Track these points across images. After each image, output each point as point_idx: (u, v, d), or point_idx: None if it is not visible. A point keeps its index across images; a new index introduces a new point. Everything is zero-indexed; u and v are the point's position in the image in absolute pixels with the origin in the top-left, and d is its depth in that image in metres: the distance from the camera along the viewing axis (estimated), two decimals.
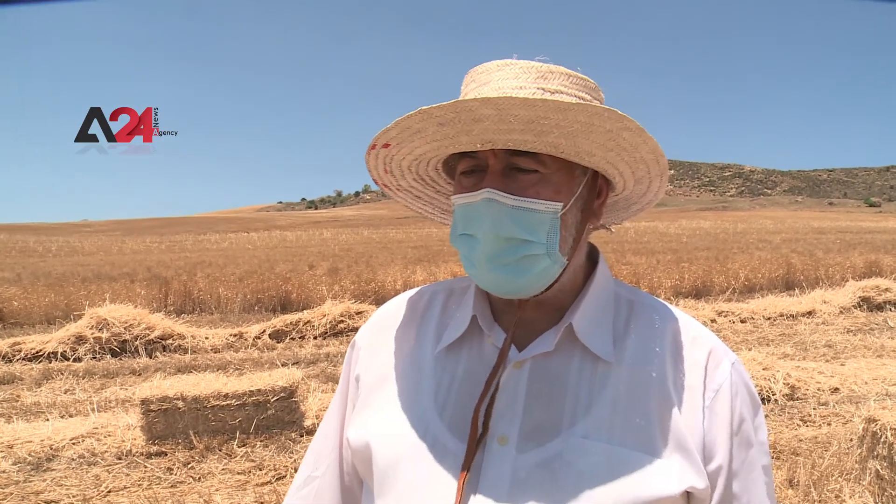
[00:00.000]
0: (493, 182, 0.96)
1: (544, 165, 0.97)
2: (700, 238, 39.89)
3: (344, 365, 1.23)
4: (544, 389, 0.99)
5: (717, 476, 0.97)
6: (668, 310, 1.10)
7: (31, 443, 5.66)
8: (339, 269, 19.33)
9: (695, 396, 0.99)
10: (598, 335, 1.02)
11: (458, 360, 1.06)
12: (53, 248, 43.61)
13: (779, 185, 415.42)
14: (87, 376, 8.40)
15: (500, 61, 1.00)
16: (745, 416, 1.01)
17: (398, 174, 1.11)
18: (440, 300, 1.18)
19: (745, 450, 1.00)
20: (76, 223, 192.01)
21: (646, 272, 16.04)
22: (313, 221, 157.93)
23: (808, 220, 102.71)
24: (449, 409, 1.01)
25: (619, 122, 0.91)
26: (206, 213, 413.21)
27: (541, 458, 0.94)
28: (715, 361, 1.02)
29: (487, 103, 0.87)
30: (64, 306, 12.73)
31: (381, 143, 1.00)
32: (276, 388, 5.91)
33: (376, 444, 1.03)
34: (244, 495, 4.77)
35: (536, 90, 0.96)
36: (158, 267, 22.30)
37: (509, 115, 0.88)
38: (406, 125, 0.95)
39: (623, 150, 0.97)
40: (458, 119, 0.91)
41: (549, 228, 0.97)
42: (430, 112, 0.91)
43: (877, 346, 9.42)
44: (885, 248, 25.06)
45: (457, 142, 0.97)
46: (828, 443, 5.48)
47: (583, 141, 0.93)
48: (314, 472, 1.20)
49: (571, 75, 1.00)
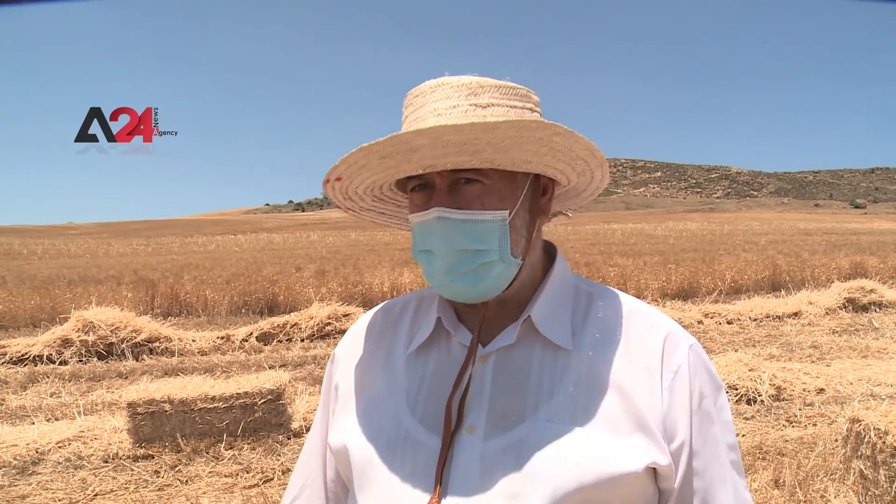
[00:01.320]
0: (440, 200, 1.01)
1: (486, 177, 1.01)
2: (687, 240, 40.10)
3: (325, 378, 1.28)
4: (508, 379, 1.04)
5: (680, 454, 1.00)
6: (627, 299, 1.14)
7: (16, 446, 5.62)
8: (326, 271, 19.30)
9: (653, 378, 1.02)
10: (556, 325, 1.07)
11: (428, 360, 1.12)
12: (39, 251, 43.35)
13: (765, 187, 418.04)
14: (73, 379, 8.34)
15: (434, 82, 1.04)
16: (706, 395, 1.04)
17: (357, 199, 1.17)
18: (411, 308, 1.23)
19: (706, 427, 1.03)
20: (62, 225, 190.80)
21: (633, 274, 16.09)
22: (300, 223, 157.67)
23: (794, 221, 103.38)
24: (420, 405, 1.06)
25: (547, 129, 0.95)
26: (193, 216, 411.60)
27: (506, 444, 0.98)
28: (672, 344, 1.06)
29: (421, 134, 0.92)
30: (49, 309, 12.64)
31: (334, 177, 1.05)
32: (263, 391, 5.90)
33: (353, 444, 1.08)
34: (231, 498, 4.75)
35: (469, 107, 1.00)
36: (145, 269, 22.21)
37: (442, 142, 0.94)
38: (352, 161, 0.99)
39: (558, 153, 1.02)
40: (396, 151, 0.96)
41: (500, 235, 1.01)
42: (371, 148, 0.95)
43: (862, 346, 9.48)
44: (871, 249, 25.26)
45: (400, 170, 1.03)
46: (813, 443, 5.51)
47: (516, 152, 0.98)
48: (306, 481, 1.25)
49: (501, 86, 1.04)
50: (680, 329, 1.10)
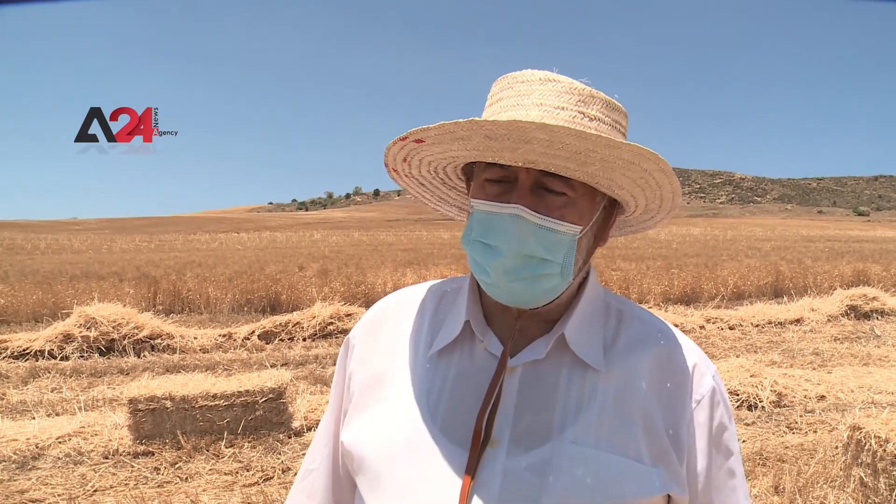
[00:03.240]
0: (522, 199, 0.97)
1: (573, 189, 0.98)
2: (690, 245, 40.03)
3: (338, 360, 1.24)
4: (535, 395, 1.01)
5: (696, 483, 1.01)
6: (656, 320, 1.13)
7: (16, 441, 5.63)
8: (328, 270, 19.30)
9: (679, 406, 1.02)
10: (588, 344, 1.04)
11: (450, 363, 1.07)
12: (42, 246, 43.38)
13: (769, 193, 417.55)
14: (74, 375, 8.36)
15: (542, 74, 1.00)
16: (725, 426, 1.04)
17: (415, 165, 1.11)
18: (433, 302, 1.18)
19: (724, 458, 1.04)
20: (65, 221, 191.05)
21: (635, 278, 16.07)
22: (304, 223, 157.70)
23: (797, 228, 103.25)
24: (441, 411, 1.03)
25: (655, 163, 0.93)
26: (196, 213, 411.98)
27: (530, 462, 0.96)
28: (699, 372, 1.06)
29: (543, 129, 0.87)
30: (52, 304, 12.65)
31: (414, 137, 0.99)
32: (264, 389, 5.90)
33: (369, 446, 1.05)
34: (231, 496, 4.75)
35: (577, 114, 0.96)
36: (148, 266, 22.23)
37: (560, 143, 0.90)
38: (450, 129, 0.94)
39: (649, 187, 1.00)
40: (507, 136, 0.91)
41: (567, 250, 0.98)
42: (482, 125, 0.91)
43: (863, 354, 9.46)
44: (873, 256, 25.21)
45: (499, 155, 0.96)
46: (813, 450, 5.51)
47: (619, 175, 0.96)
48: (311, 465, 1.23)
49: (609, 102, 1.00)
50: (703, 355, 1.10)
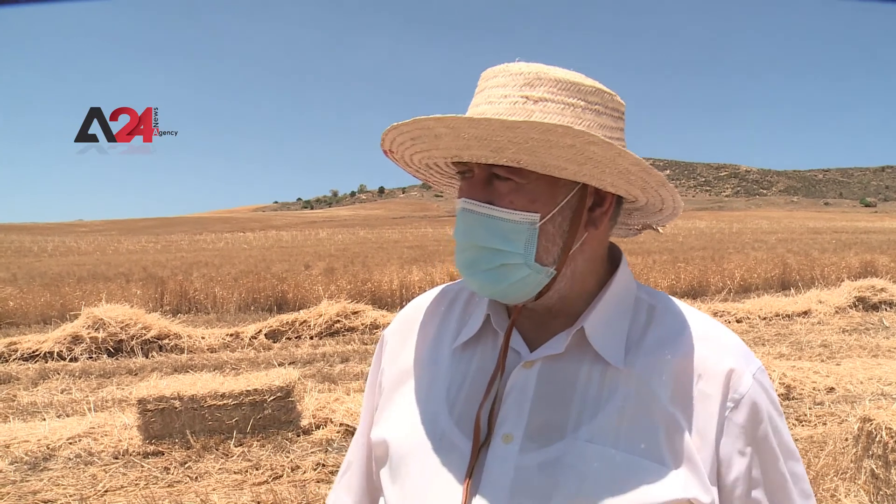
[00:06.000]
0: (471, 192, 0.98)
1: (520, 175, 0.95)
2: (696, 238, 39.98)
3: (374, 357, 1.24)
4: (552, 391, 0.99)
5: (736, 486, 0.96)
6: (690, 314, 1.07)
7: (27, 442, 5.65)
8: (335, 268, 19.32)
9: (711, 407, 0.97)
10: (610, 340, 1.01)
11: (473, 357, 1.07)
12: (49, 248, 43.56)
13: (774, 186, 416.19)
14: (83, 376, 8.39)
15: (500, 66, 0.99)
16: (770, 428, 0.99)
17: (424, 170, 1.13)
18: (463, 298, 1.18)
19: (770, 457, 0.98)
20: (71, 223, 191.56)
21: (642, 272, 16.04)
22: (309, 221, 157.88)
23: (803, 220, 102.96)
24: (459, 405, 1.02)
25: (578, 137, 0.87)
26: (201, 213, 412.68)
27: (543, 459, 0.94)
28: (737, 373, 0.99)
29: (440, 122, 0.90)
30: (60, 306, 12.71)
31: (386, 148, 1.03)
32: (272, 388, 5.91)
33: (392, 440, 1.05)
34: (241, 495, 4.76)
35: (519, 98, 0.94)
36: (154, 267, 22.29)
37: (462, 133, 0.90)
38: (392, 137, 0.98)
39: (600, 164, 0.93)
40: (422, 136, 0.95)
41: (526, 238, 0.96)
42: (399, 128, 0.94)
43: (872, 345, 9.43)
44: (881, 248, 25.12)
45: (431, 154, 1.00)
46: (823, 442, 5.49)
47: (546, 156, 0.91)
48: (350, 458, 1.25)
49: (562, 81, 0.95)
50: (745, 352, 1.03)
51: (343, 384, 7.58)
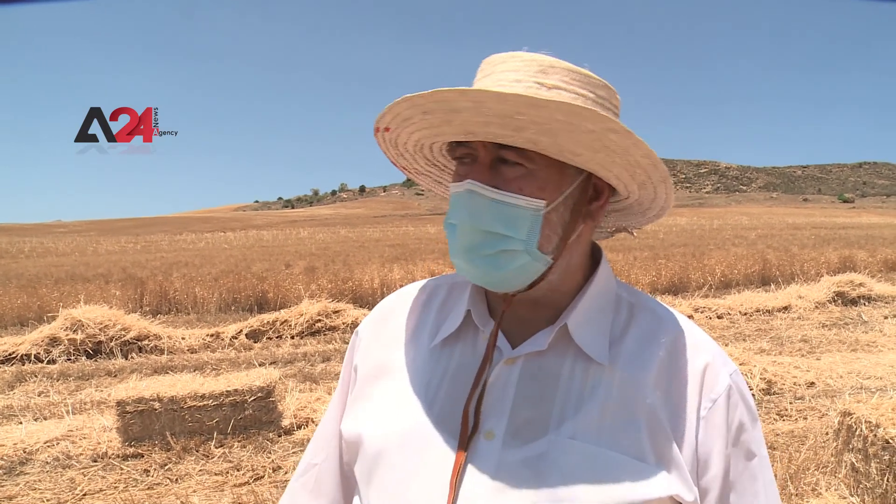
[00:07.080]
0: (477, 174, 0.96)
1: (530, 160, 0.95)
2: (676, 235, 40.18)
3: (346, 354, 1.23)
4: (534, 388, 0.98)
5: (711, 488, 0.97)
6: (669, 315, 1.08)
7: (3, 446, 5.56)
8: (316, 268, 19.24)
9: (690, 406, 0.98)
10: (593, 337, 1.01)
11: (452, 354, 1.06)
12: (26, 249, 43.11)
13: (754, 182, 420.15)
14: (61, 378, 8.29)
15: (508, 53, 0.98)
16: (745, 427, 1.00)
17: (410, 158, 1.11)
18: (441, 294, 1.17)
19: (743, 461, 0.99)
20: (49, 224, 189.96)
21: (623, 269, 16.10)
22: (290, 220, 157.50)
23: (783, 216, 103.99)
24: (439, 402, 1.01)
25: (601, 122, 0.87)
26: (181, 213, 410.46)
27: (525, 456, 0.93)
28: (713, 371, 1.01)
29: (464, 95, 0.87)
30: (37, 308, 12.55)
31: (382, 126, 1.01)
32: (253, 389, 5.87)
33: (367, 436, 1.04)
34: (222, 496, 4.73)
35: (533, 84, 0.94)
36: (134, 267, 22.08)
37: (485, 108, 0.87)
38: (396, 111, 0.95)
39: (613, 153, 0.94)
40: (438, 108, 0.91)
41: (530, 225, 0.95)
42: (413, 100, 0.91)
43: (851, 340, 9.54)
44: (859, 243, 25.38)
45: (440, 131, 0.98)
46: (804, 437, 5.53)
47: (565, 140, 0.91)
48: (314, 459, 1.21)
49: (574, 71, 0.96)
50: (721, 353, 1.05)
51: (324, 384, 7.55)
